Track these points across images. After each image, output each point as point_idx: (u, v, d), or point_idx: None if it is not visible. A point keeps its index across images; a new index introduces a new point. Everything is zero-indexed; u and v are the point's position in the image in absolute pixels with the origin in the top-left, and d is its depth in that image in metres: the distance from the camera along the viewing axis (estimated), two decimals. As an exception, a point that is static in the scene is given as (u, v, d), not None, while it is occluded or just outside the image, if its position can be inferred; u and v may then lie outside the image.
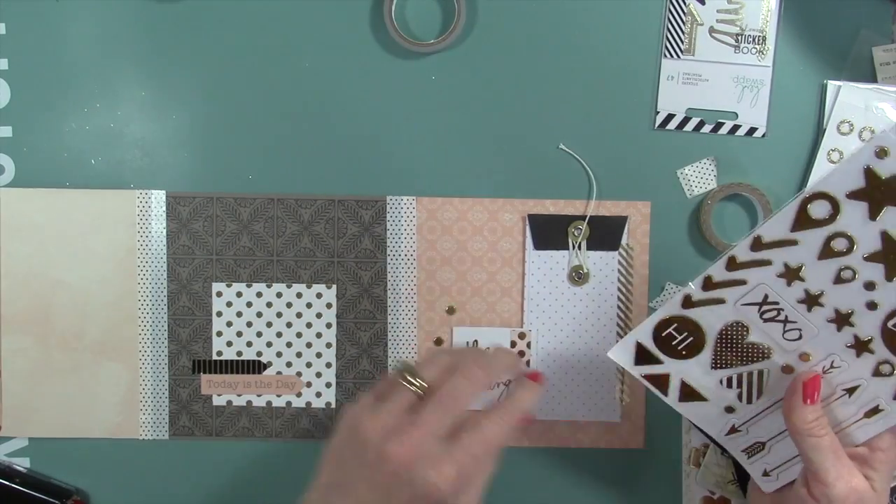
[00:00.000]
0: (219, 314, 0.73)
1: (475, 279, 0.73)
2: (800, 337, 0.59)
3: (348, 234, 0.72)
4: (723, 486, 0.72)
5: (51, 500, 0.73)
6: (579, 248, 0.72)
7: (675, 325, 0.61)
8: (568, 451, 0.74)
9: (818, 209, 0.56)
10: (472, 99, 0.72)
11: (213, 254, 0.73)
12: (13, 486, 0.73)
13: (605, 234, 0.72)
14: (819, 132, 0.70)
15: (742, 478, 0.71)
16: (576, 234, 0.71)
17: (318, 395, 0.73)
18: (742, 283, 0.59)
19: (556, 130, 0.72)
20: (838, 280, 0.57)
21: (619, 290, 0.72)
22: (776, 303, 0.59)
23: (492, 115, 0.72)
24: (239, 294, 0.73)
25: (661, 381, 0.63)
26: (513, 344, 0.73)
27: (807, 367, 0.60)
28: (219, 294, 0.73)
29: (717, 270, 0.59)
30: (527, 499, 0.74)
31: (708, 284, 0.60)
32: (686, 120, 0.71)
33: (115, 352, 0.73)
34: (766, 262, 0.58)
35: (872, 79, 0.70)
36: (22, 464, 0.75)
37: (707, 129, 0.71)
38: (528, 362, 0.73)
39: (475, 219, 0.72)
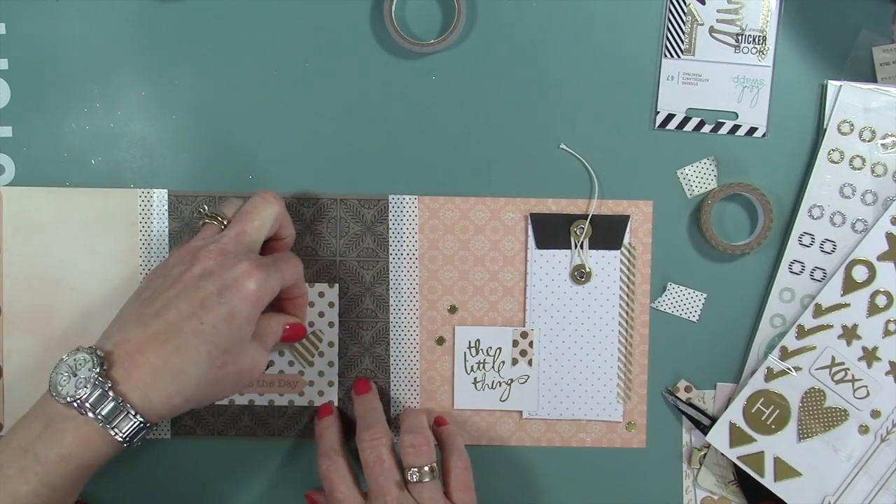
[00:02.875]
0: (221, 313, 0.73)
1: (477, 278, 0.73)
2: (867, 394, 0.66)
3: (350, 233, 0.72)
4: (723, 486, 0.72)
5: (50, 500, 0.72)
6: (581, 247, 0.72)
7: (762, 399, 0.68)
8: (569, 451, 0.74)
9: (859, 273, 0.67)
10: (472, 99, 0.72)
11: (216, 253, 0.72)
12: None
13: (608, 233, 0.72)
14: (819, 132, 0.71)
15: (742, 478, 0.71)
16: (578, 233, 0.72)
17: (321, 394, 0.73)
18: (812, 348, 0.67)
19: (556, 130, 0.72)
20: (886, 333, 0.67)
21: (622, 289, 0.72)
22: (842, 363, 0.67)
23: (492, 115, 0.72)
24: (241, 293, 0.73)
25: (757, 461, 0.69)
26: (515, 343, 0.73)
27: (878, 424, 0.66)
28: (221, 293, 0.73)
29: (790, 340, 0.67)
30: (527, 499, 0.74)
31: (784, 354, 0.68)
32: (686, 120, 0.71)
33: (116, 351, 0.73)
34: (828, 326, 0.68)
35: (872, 79, 0.70)
36: (22, 464, 0.74)
37: (707, 129, 0.71)
38: (529, 361, 0.73)
39: (477, 218, 0.72)
